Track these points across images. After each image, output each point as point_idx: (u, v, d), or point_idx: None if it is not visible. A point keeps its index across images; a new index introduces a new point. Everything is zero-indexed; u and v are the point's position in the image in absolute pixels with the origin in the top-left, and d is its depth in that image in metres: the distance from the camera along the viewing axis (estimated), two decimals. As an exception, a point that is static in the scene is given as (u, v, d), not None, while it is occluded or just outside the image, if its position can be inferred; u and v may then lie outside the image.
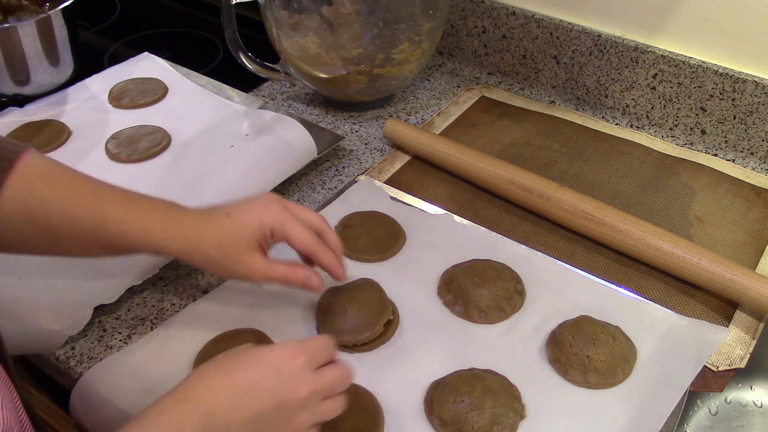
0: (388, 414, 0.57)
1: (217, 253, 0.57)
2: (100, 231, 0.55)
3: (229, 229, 0.57)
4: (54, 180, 0.55)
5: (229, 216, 0.57)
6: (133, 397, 0.58)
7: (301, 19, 0.83)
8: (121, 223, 0.55)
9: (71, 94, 0.92)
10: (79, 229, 0.55)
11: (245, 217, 0.57)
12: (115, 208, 0.55)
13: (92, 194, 0.55)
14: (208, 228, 0.57)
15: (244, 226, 0.57)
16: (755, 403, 0.66)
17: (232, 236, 0.57)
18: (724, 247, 0.73)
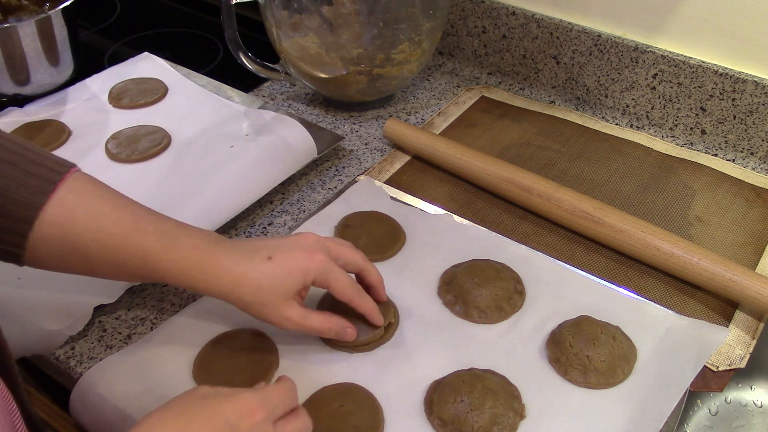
0: (388, 414, 0.57)
1: (254, 300, 0.55)
2: (139, 265, 0.55)
3: (269, 275, 0.55)
4: (96, 209, 0.54)
5: (270, 261, 0.55)
6: (133, 397, 0.58)
7: (301, 19, 0.83)
8: (160, 261, 0.54)
9: (71, 94, 0.92)
10: (117, 260, 0.54)
11: (288, 264, 0.56)
12: (155, 246, 0.54)
13: (134, 227, 0.55)
14: (247, 272, 0.55)
15: (287, 274, 0.55)
16: (755, 403, 0.66)
17: (272, 283, 0.55)
18: (724, 247, 0.73)
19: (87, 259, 0.54)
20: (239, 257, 0.56)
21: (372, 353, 0.62)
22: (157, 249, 0.54)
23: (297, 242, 0.58)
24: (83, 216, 0.53)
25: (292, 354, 0.62)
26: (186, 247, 0.55)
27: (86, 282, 0.65)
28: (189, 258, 0.55)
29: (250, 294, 0.55)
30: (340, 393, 0.58)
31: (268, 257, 0.55)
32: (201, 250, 0.55)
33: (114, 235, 0.54)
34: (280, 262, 0.55)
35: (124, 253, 0.54)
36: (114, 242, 0.54)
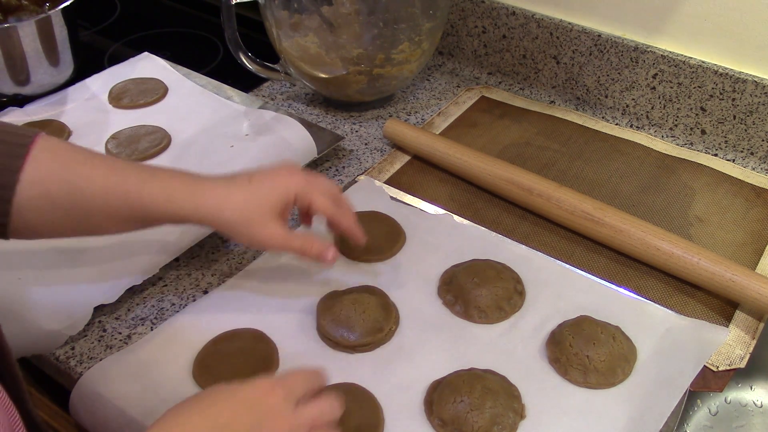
0: (388, 414, 0.57)
1: (240, 217, 0.57)
2: (122, 204, 0.56)
3: (253, 192, 0.57)
4: (70, 159, 0.56)
5: (251, 182, 0.58)
6: (133, 397, 0.58)
7: (301, 19, 0.83)
8: (143, 193, 0.55)
9: (71, 94, 0.92)
10: (100, 204, 0.55)
11: (269, 181, 0.58)
12: (135, 180, 0.56)
13: (110, 169, 0.56)
14: (231, 192, 0.57)
15: (268, 190, 0.58)
16: (755, 403, 0.66)
17: (256, 201, 0.57)
18: (724, 247, 0.73)
19: (72, 211, 0.55)
20: (221, 182, 0.58)
21: (372, 353, 0.62)
22: (138, 183, 0.56)
23: (276, 168, 0.61)
24: (60, 170, 0.54)
25: (292, 354, 0.62)
26: (166, 177, 0.57)
27: (86, 282, 0.65)
28: (171, 185, 0.56)
29: (235, 212, 0.57)
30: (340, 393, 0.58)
31: (249, 179, 0.58)
32: (181, 179, 0.57)
33: (94, 181, 0.55)
34: (261, 181, 0.58)
35: (107, 196, 0.55)
36: (95, 188, 0.55)
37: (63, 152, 0.56)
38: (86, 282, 0.65)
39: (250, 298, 0.67)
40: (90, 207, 0.55)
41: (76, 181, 0.55)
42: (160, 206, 0.56)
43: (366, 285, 0.67)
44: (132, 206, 0.56)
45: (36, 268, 0.66)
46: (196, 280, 0.70)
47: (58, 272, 0.66)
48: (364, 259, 0.71)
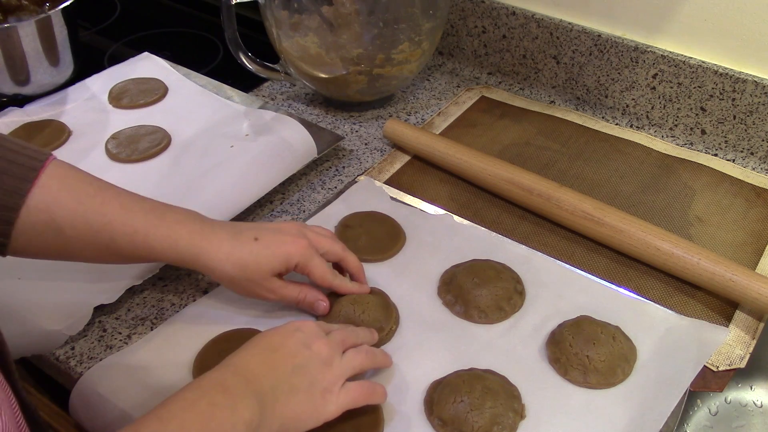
0: (388, 414, 0.57)
1: (240, 275, 0.59)
2: (128, 243, 0.56)
3: (255, 254, 0.59)
4: (80, 191, 0.56)
5: (257, 241, 0.59)
6: (133, 397, 0.58)
7: (301, 19, 0.83)
8: (149, 236, 0.56)
9: (71, 94, 0.92)
10: (105, 240, 0.56)
11: (273, 246, 0.59)
12: (143, 222, 0.56)
13: (120, 207, 0.57)
14: (234, 249, 0.58)
15: (272, 255, 0.59)
16: (755, 403, 0.66)
17: (257, 261, 0.59)
18: (724, 247, 0.73)
19: (74, 241, 0.56)
20: (226, 235, 0.59)
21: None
22: (145, 225, 0.56)
23: (281, 228, 0.61)
24: (68, 199, 0.55)
25: (292, 354, 0.62)
26: (173, 222, 0.58)
27: (86, 282, 0.65)
28: (177, 233, 0.57)
29: (236, 270, 0.58)
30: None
31: (255, 238, 0.59)
32: (188, 226, 0.58)
33: (101, 215, 0.55)
34: (266, 243, 0.59)
35: (112, 232, 0.56)
36: (101, 222, 0.55)
37: (73, 182, 0.56)
38: (86, 282, 0.65)
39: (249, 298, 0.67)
40: (94, 240, 0.56)
41: (84, 214, 0.55)
42: (164, 251, 0.57)
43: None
44: (136, 246, 0.57)
45: (36, 268, 0.66)
46: (196, 280, 0.70)
47: (58, 272, 0.66)
48: (364, 260, 0.71)
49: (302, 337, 0.53)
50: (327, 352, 0.53)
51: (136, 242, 0.56)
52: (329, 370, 0.52)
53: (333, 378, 0.52)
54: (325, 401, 0.51)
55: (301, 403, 0.50)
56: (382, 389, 0.56)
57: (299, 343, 0.52)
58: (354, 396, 0.53)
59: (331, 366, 0.53)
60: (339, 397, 0.52)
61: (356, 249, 0.71)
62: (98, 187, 0.57)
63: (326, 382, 0.52)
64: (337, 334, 0.56)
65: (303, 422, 0.51)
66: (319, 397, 0.51)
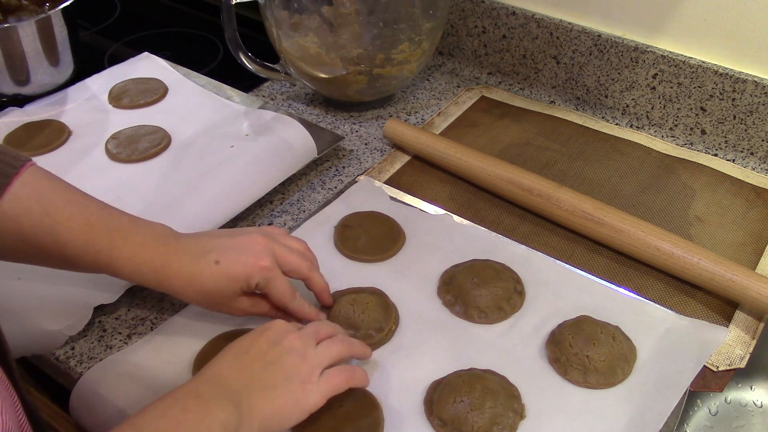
0: (388, 414, 0.57)
1: (203, 299, 0.59)
2: (91, 260, 0.56)
3: (215, 279, 0.58)
4: (49, 202, 0.55)
5: (218, 264, 0.57)
6: (133, 397, 0.58)
7: (301, 19, 0.83)
8: (111, 258, 0.56)
9: (71, 94, 0.92)
10: (70, 254, 0.56)
11: (234, 269, 0.58)
12: (106, 243, 0.56)
13: (86, 223, 0.56)
14: (195, 275, 0.57)
15: (231, 279, 0.58)
16: (755, 403, 0.66)
17: (218, 287, 0.58)
18: (724, 247, 0.73)
19: (40, 251, 0.56)
20: (188, 259, 0.58)
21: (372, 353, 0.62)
22: (108, 247, 0.56)
23: (247, 245, 0.59)
24: (37, 210, 0.54)
25: (292, 354, 0.61)
26: (136, 245, 0.57)
27: (86, 282, 0.65)
28: (139, 256, 0.57)
29: (198, 295, 0.58)
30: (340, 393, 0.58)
31: (216, 261, 0.58)
32: (151, 249, 0.57)
33: (66, 230, 0.55)
34: (226, 266, 0.58)
35: (77, 249, 0.56)
36: (66, 237, 0.55)
37: (45, 192, 0.55)
38: (86, 282, 0.65)
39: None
40: (59, 254, 0.56)
41: (50, 227, 0.55)
42: (126, 274, 0.57)
43: (366, 285, 0.67)
44: (101, 266, 0.57)
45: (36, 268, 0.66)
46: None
47: (58, 272, 0.66)
48: (364, 260, 0.71)
49: (271, 335, 0.53)
50: (299, 344, 0.53)
51: (100, 263, 0.56)
52: (304, 361, 0.52)
53: (309, 369, 0.52)
54: (306, 392, 0.51)
55: (280, 398, 0.50)
56: (362, 372, 0.56)
57: (269, 341, 0.52)
58: (335, 382, 0.53)
59: (306, 357, 0.52)
60: (320, 386, 0.52)
61: (356, 249, 0.71)
62: (68, 200, 0.56)
63: (303, 374, 0.52)
64: (310, 326, 0.56)
65: (286, 416, 0.51)
66: (299, 389, 0.51)
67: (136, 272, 0.57)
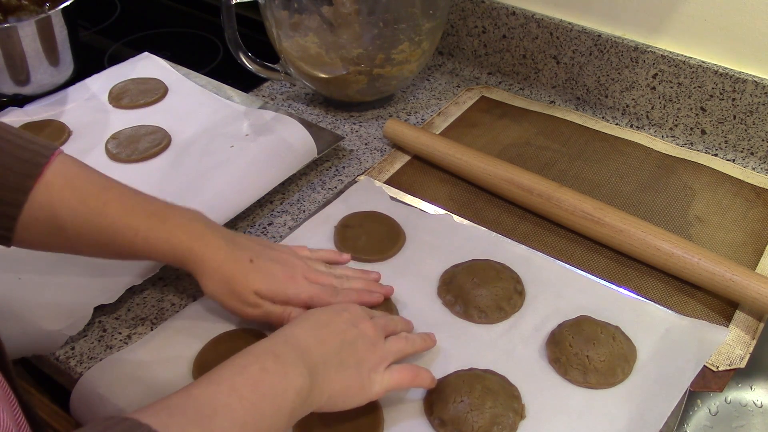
0: (388, 414, 0.57)
1: (224, 286, 0.58)
2: (128, 243, 0.57)
3: (245, 271, 0.58)
4: (83, 189, 0.56)
5: (251, 263, 0.59)
6: (133, 397, 0.58)
7: (301, 19, 0.83)
8: (149, 239, 0.57)
9: (71, 94, 0.92)
10: (106, 239, 0.57)
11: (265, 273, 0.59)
12: (144, 224, 0.57)
13: (122, 207, 0.57)
14: (227, 260, 0.58)
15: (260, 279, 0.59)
16: (755, 403, 0.66)
17: (245, 277, 0.58)
18: (724, 247, 0.73)
19: (76, 239, 0.56)
20: (224, 245, 0.59)
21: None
22: (146, 229, 0.57)
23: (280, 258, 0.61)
24: (71, 198, 0.55)
25: (292, 354, 0.61)
26: (174, 227, 0.58)
27: (86, 282, 0.65)
28: (176, 238, 0.57)
29: (222, 281, 0.58)
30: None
31: (250, 259, 0.59)
32: (188, 231, 0.58)
33: (103, 216, 0.56)
34: (260, 267, 0.59)
35: (113, 233, 0.56)
36: (103, 222, 0.56)
37: (77, 180, 0.57)
38: (86, 282, 0.65)
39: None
40: (95, 239, 0.57)
41: (85, 214, 0.56)
42: (161, 254, 0.58)
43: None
44: (136, 246, 0.57)
45: (36, 268, 0.66)
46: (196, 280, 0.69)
47: (58, 272, 0.66)
48: (364, 260, 0.71)
49: (349, 317, 0.54)
50: (373, 333, 0.54)
51: (137, 243, 0.57)
52: (375, 351, 0.54)
53: (378, 359, 0.54)
54: (372, 380, 0.53)
55: (349, 379, 0.52)
56: (427, 374, 0.56)
57: (347, 322, 0.54)
58: (399, 378, 0.54)
59: (376, 347, 0.54)
60: (384, 378, 0.53)
61: (356, 249, 0.71)
62: (102, 186, 0.58)
63: (372, 362, 0.53)
64: (380, 319, 0.57)
65: (350, 398, 0.52)
66: (366, 375, 0.53)
67: (170, 253, 0.58)
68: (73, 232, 0.56)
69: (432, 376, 0.57)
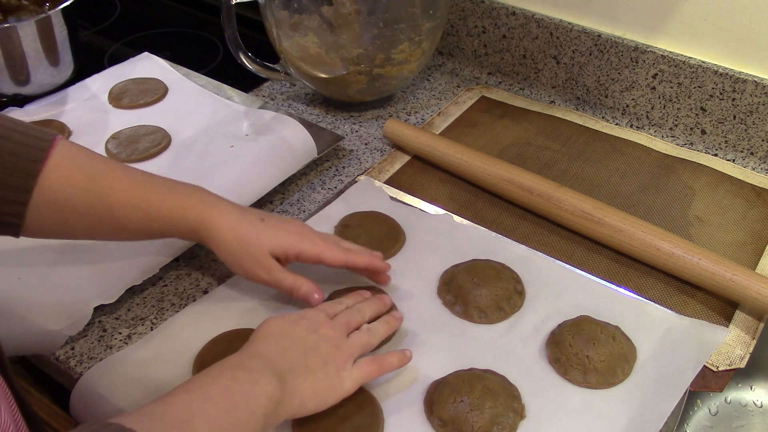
0: (388, 414, 0.57)
1: (240, 247, 0.60)
2: (142, 215, 0.58)
3: (259, 232, 0.60)
4: (91, 168, 0.57)
5: (262, 221, 0.61)
6: (133, 397, 0.58)
7: (301, 19, 0.83)
8: (161, 208, 0.58)
9: (71, 94, 0.92)
10: (118, 215, 0.58)
11: (276, 229, 0.61)
12: (155, 193, 0.58)
13: (132, 182, 0.58)
14: (239, 222, 0.60)
15: (273, 236, 0.60)
16: (755, 403, 0.66)
17: (258, 237, 0.60)
18: (724, 247, 0.73)
19: (89, 218, 0.57)
20: (234, 208, 0.61)
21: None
22: (158, 200, 0.58)
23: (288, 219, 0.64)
24: (81, 177, 0.56)
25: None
26: (184, 195, 0.60)
27: (86, 282, 0.65)
28: (189, 204, 0.59)
29: (237, 242, 0.60)
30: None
31: (261, 219, 0.62)
32: (198, 199, 0.60)
33: (115, 192, 0.57)
34: (271, 225, 0.61)
35: (127, 208, 0.58)
36: (116, 198, 0.57)
37: (83, 160, 0.58)
38: (86, 282, 0.65)
39: (250, 298, 0.67)
40: (107, 216, 0.58)
41: (96, 191, 0.57)
42: (176, 221, 0.59)
43: (366, 285, 0.67)
44: (150, 218, 0.58)
45: (36, 268, 0.66)
46: (196, 280, 0.70)
47: (58, 272, 0.66)
48: (364, 259, 0.71)
49: (307, 324, 0.55)
50: (333, 334, 0.55)
51: (150, 215, 0.58)
52: (338, 350, 0.55)
53: (343, 357, 0.55)
54: (341, 378, 0.54)
55: (318, 382, 0.53)
56: (393, 357, 0.57)
57: (306, 329, 0.55)
58: (367, 370, 0.55)
59: (340, 346, 0.55)
60: (354, 373, 0.54)
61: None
62: (107, 165, 0.59)
63: (339, 362, 0.54)
64: (341, 317, 0.58)
65: (322, 399, 0.53)
66: (335, 375, 0.54)
67: (183, 222, 0.59)
68: (85, 210, 0.57)
69: (401, 354, 0.58)
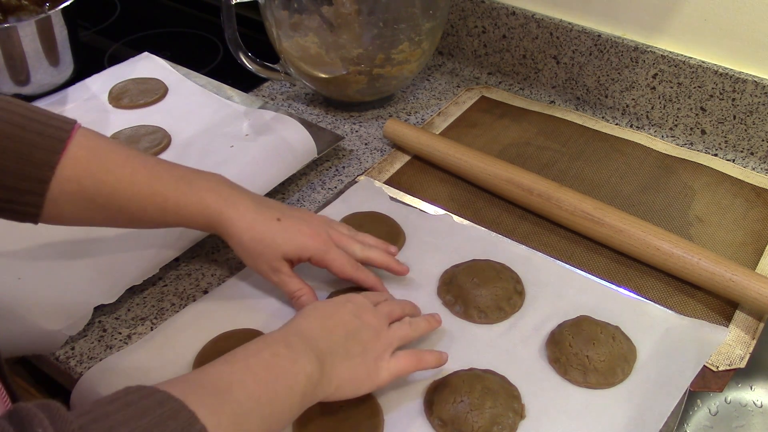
0: (388, 414, 0.57)
1: (253, 247, 0.60)
2: (158, 209, 0.58)
3: (274, 232, 0.61)
4: (109, 159, 0.57)
5: (279, 221, 0.61)
6: (133, 397, 0.58)
7: (301, 19, 0.83)
8: (179, 204, 0.59)
9: (71, 94, 0.92)
10: (137, 207, 0.58)
11: (292, 231, 0.61)
12: (174, 188, 0.59)
13: (149, 174, 0.58)
14: (256, 221, 0.60)
15: (288, 239, 0.61)
16: (755, 403, 0.66)
17: (273, 239, 0.60)
18: (724, 247, 0.73)
19: (106, 209, 0.58)
20: (252, 205, 0.61)
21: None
22: (175, 194, 0.58)
23: (304, 218, 0.64)
24: (98, 169, 0.56)
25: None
26: (202, 190, 0.60)
27: (86, 282, 0.65)
28: (206, 200, 0.59)
29: (252, 242, 0.60)
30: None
31: (278, 218, 0.61)
32: (216, 194, 0.60)
33: (132, 184, 0.57)
34: (286, 226, 0.61)
35: (143, 201, 0.58)
36: (132, 191, 0.57)
37: (101, 151, 0.58)
38: (86, 282, 0.65)
39: (250, 298, 0.67)
40: (125, 207, 0.58)
41: (113, 183, 0.57)
42: (193, 216, 0.59)
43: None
44: (166, 212, 0.59)
45: (36, 268, 0.66)
46: (196, 280, 0.70)
47: (58, 272, 0.66)
48: (364, 259, 0.71)
49: (353, 308, 0.56)
50: (375, 323, 0.56)
51: (167, 209, 0.58)
52: (379, 339, 0.55)
53: (382, 347, 0.55)
54: (378, 368, 0.54)
55: (356, 367, 0.53)
56: (431, 355, 0.57)
57: (350, 313, 0.55)
58: (404, 364, 0.56)
59: (380, 336, 0.55)
60: (390, 365, 0.55)
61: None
62: (126, 155, 0.59)
63: (377, 351, 0.55)
64: (384, 306, 0.59)
65: (358, 385, 0.54)
66: (372, 363, 0.54)
67: (200, 217, 0.59)
68: (102, 202, 0.57)
69: (438, 355, 0.58)
